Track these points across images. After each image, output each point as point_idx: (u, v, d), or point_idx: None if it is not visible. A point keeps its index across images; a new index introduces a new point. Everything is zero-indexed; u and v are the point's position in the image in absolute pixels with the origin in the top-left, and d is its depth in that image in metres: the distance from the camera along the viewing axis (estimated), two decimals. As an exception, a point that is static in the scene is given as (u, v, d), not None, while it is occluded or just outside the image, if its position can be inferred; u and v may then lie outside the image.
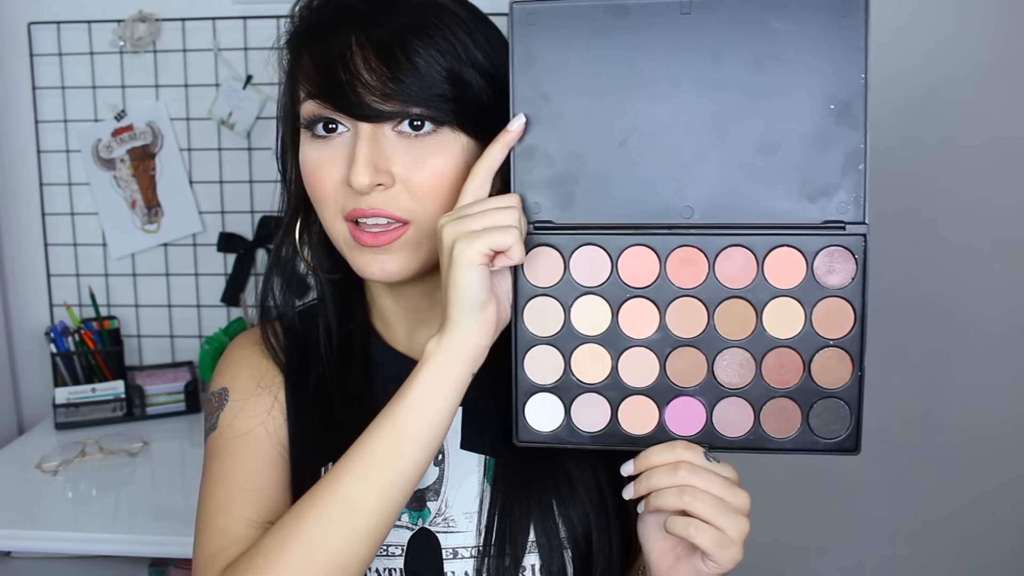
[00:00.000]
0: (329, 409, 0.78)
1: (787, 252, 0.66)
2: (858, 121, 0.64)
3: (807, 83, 0.64)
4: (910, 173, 1.68)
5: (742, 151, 0.65)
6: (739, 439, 0.68)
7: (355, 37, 0.68)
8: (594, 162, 0.67)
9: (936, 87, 1.64)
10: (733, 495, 0.65)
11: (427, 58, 0.67)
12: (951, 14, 1.63)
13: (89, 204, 1.80)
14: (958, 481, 1.78)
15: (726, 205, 0.66)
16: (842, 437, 0.67)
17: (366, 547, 0.64)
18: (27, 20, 1.74)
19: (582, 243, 0.68)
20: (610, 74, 0.66)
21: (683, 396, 0.68)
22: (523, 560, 0.74)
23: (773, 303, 0.67)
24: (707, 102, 0.65)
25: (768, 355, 0.67)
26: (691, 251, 0.67)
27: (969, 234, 1.69)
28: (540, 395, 0.70)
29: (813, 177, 0.65)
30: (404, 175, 0.69)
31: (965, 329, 1.72)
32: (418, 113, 0.68)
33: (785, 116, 0.65)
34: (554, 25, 0.66)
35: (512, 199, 0.66)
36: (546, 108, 0.67)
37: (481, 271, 0.63)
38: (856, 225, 0.65)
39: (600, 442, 0.70)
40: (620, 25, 0.65)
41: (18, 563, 1.46)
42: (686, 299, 0.67)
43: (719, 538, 0.64)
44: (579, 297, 0.68)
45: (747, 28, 0.64)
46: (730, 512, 0.65)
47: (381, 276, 0.72)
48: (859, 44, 0.63)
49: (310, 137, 0.71)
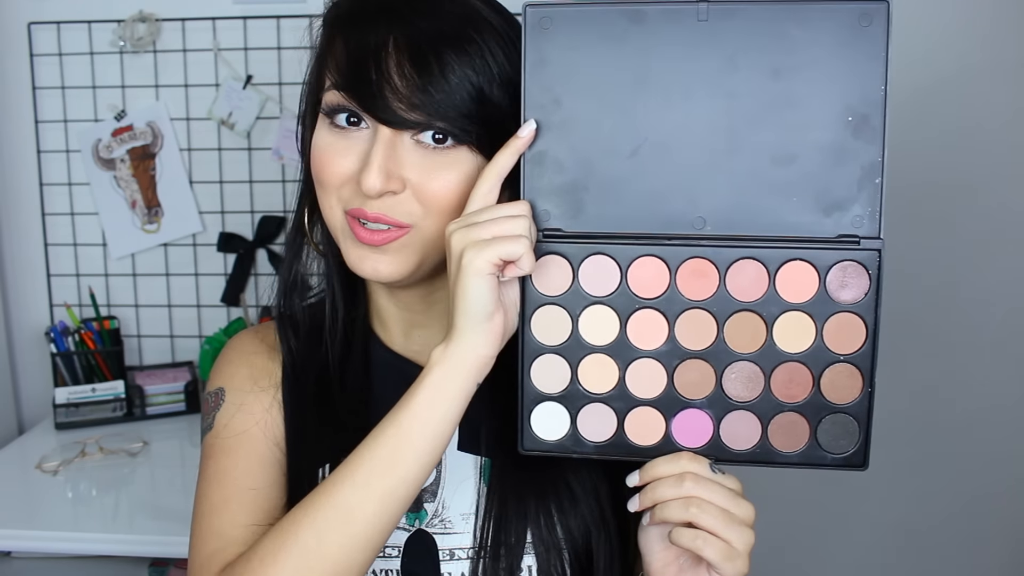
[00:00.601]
0: (328, 407, 0.78)
1: (799, 266, 0.65)
2: (876, 134, 0.63)
3: (825, 94, 0.63)
4: (911, 173, 1.68)
5: (756, 162, 0.64)
6: (746, 452, 0.68)
7: (393, 37, 0.66)
8: (605, 170, 0.65)
9: (937, 87, 1.64)
10: (738, 507, 0.65)
11: (460, 74, 0.66)
12: (951, 14, 1.62)
13: (89, 204, 1.80)
14: (960, 483, 1.78)
15: (739, 217, 0.65)
16: (850, 453, 0.67)
17: (363, 554, 0.64)
18: (27, 20, 1.74)
19: (592, 252, 0.67)
20: (623, 81, 0.64)
21: (690, 408, 0.68)
22: (519, 563, 0.74)
23: (784, 317, 0.66)
24: (722, 111, 0.64)
25: (777, 369, 0.66)
26: (702, 263, 0.66)
27: (970, 233, 1.69)
28: (546, 404, 0.69)
29: (828, 190, 0.63)
30: (416, 182, 0.68)
31: (966, 330, 1.73)
32: (441, 127, 0.67)
33: (801, 127, 0.63)
34: (568, 29, 0.64)
35: (522, 207, 0.65)
36: (557, 114, 0.65)
37: (490, 281, 0.63)
38: (871, 240, 0.64)
39: (606, 452, 0.69)
40: (635, 31, 0.64)
41: (18, 563, 1.46)
42: (696, 311, 0.66)
43: (725, 550, 0.64)
44: (587, 306, 0.67)
45: (765, 36, 0.63)
46: (735, 524, 0.65)
47: (373, 276, 0.71)
48: (880, 55, 0.62)
49: (329, 124, 0.70)
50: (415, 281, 0.74)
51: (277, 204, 1.78)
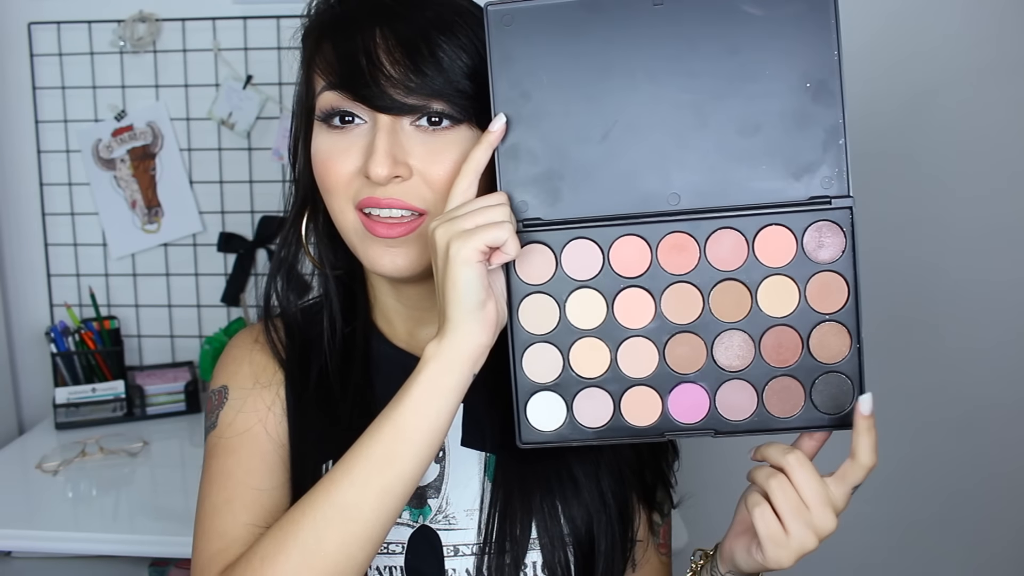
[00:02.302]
0: (330, 405, 0.78)
1: (776, 230, 0.67)
2: (835, 98, 0.65)
3: (782, 64, 0.65)
4: (911, 172, 1.68)
5: (723, 135, 0.66)
6: (744, 422, 0.68)
7: (380, 30, 0.68)
8: (578, 156, 0.67)
9: (938, 87, 1.64)
10: (820, 510, 0.64)
11: (450, 54, 0.68)
12: (951, 14, 1.63)
13: (89, 204, 1.80)
14: (958, 479, 1.78)
15: (712, 189, 0.66)
16: (846, 411, 0.67)
17: (363, 551, 0.64)
18: (27, 20, 1.74)
19: (572, 237, 0.68)
20: (588, 69, 0.67)
21: (685, 383, 0.68)
22: (524, 558, 0.74)
23: (767, 282, 0.67)
24: (685, 90, 0.66)
25: (766, 335, 0.67)
26: (681, 236, 0.67)
27: (971, 232, 1.70)
28: (541, 394, 0.69)
29: (795, 155, 0.66)
30: (422, 168, 0.69)
31: (965, 326, 1.73)
32: (438, 109, 0.68)
33: (763, 98, 0.65)
34: (529, 24, 0.67)
35: (500, 197, 0.66)
36: (527, 107, 0.67)
37: (479, 268, 0.63)
38: (842, 199, 0.66)
39: (604, 437, 0.69)
40: (594, 20, 0.66)
41: (18, 563, 1.46)
42: (680, 285, 0.68)
43: (777, 534, 0.64)
44: (573, 291, 0.68)
45: (719, 15, 0.65)
46: (803, 520, 0.64)
47: (392, 270, 0.72)
48: (830, 22, 0.65)
49: (325, 128, 0.71)
50: (422, 276, 0.74)
51: (277, 204, 1.77)
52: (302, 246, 0.80)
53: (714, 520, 0.86)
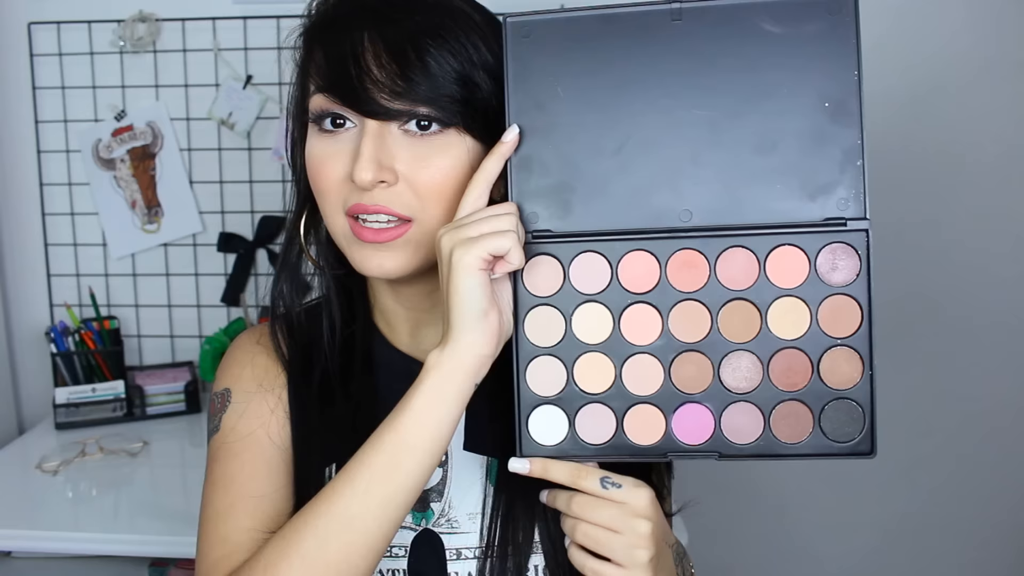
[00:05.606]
0: (332, 408, 0.78)
1: (789, 251, 0.65)
2: (853, 118, 0.64)
3: (800, 83, 0.64)
4: (913, 173, 1.68)
5: (738, 152, 0.65)
6: (750, 446, 0.67)
7: (368, 34, 0.68)
8: (590, 170, 0.66)
9: (937, 87, 1.65)
10: (627, 524, 0.66)
11: (438, 59, 0.67)
12: (952, 14, 1.63)
13: (89, 204, 1.80)
14: (962, 482, 1.78)
15: (725, 207, 0.65)
16: (856, 440, 0.66)
17: (366, 560, 0.64)
18: (27, 20, 1.74)
19: (581, 251, 0.67)
20: (604, 82, 0.66)
21: (690, 403, 0.67)
22: (527, 561, 0.74)
23: (777, 303, 0.66)
24: (701, 106, 0.65)
25: (775, 357, 0.66)
26: (691, 254, 0.66)
27: (971, 233, 1.70)
28: (543, 407, 0.69)
29: (811, 175, 0.64)
30: (408, 173, 0.69)
31: (968, 329, 1.73)
32: (426, 113, 0.68)
33: (780, 116, 0.64)
34: (547, 37, 0.66)
35: (509, 207, 0.66)
36: (541, 118, 0.67)
37: (481, 276, 0.63)
38: (857, 221, 0.64)
39: (606, 454, 0.68)
40: (612, 34, 0.66)
41: (18, 563, 1.46)
42: (688, 303, 0.67)
43: (611, 570, 0.67)
44: (580, 305, 0.68)
45: (738, 31, 0.64)
46: (620, 545, 0.66)
47: (379, 272, 0.72)
48: (850, 42, 0.64)
49: (317, 131, 0.71)
50: (419, 277, 0.74)
51: (277, 204, 1.78)
52: (302, 247, 0.80)
53: (714, 521, 0.86)
